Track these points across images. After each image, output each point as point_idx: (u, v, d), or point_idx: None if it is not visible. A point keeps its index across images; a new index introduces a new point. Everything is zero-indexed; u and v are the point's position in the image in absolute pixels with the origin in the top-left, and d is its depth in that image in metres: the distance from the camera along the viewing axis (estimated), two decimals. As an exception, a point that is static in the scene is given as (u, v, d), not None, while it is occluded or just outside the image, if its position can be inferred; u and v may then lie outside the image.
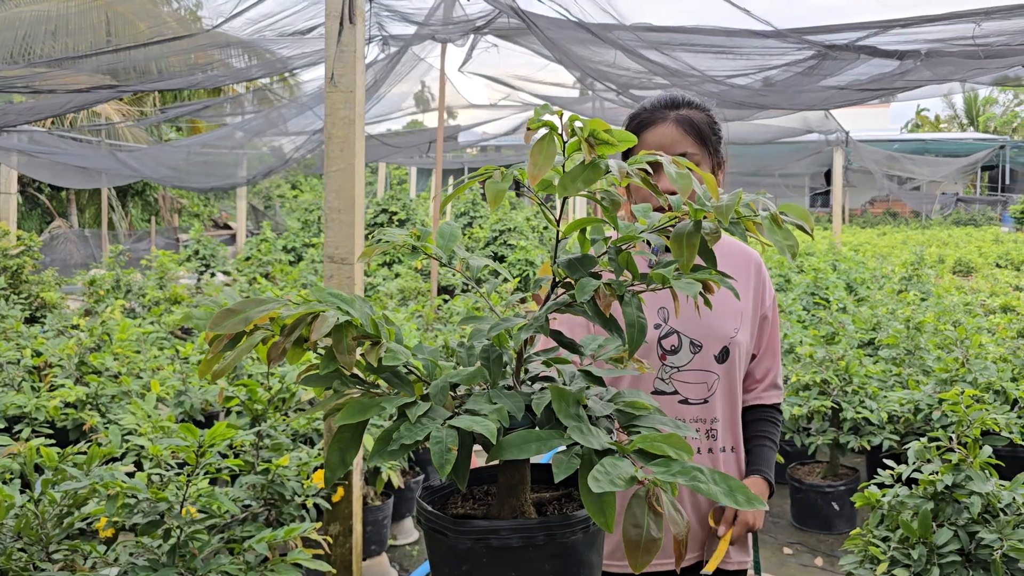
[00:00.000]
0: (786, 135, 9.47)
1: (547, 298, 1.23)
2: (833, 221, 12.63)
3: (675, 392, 1.78)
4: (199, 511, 2.47)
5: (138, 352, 5.00)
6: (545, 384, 1.20)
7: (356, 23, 2.96)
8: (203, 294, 7.63)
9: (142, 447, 2.98)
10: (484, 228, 12.05)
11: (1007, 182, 36.11)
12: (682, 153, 1.71)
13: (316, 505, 2.92)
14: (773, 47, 3.91)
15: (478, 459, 2.67)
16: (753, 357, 1.91)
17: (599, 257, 1.23)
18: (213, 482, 3.07)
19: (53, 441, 3.37)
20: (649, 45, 3.60)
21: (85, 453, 2.59)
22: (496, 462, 1.08)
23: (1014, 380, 4.45)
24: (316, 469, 3.05)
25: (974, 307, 7.60)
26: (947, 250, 17.65)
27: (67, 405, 4.25)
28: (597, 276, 1.17)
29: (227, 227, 24.86)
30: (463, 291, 9.13)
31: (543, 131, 0.98)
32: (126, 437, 3.01)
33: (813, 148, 11.61)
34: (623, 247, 1.14)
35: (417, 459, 4.29)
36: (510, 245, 11.24)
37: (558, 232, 1.22)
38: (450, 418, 0.94)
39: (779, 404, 1.95)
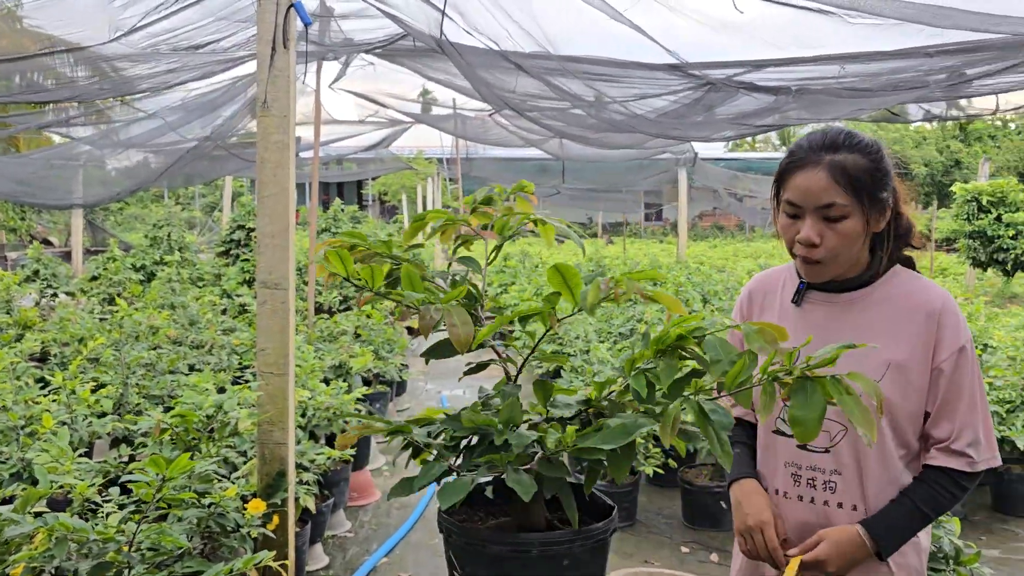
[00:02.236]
0: (644, 154, 10.04)
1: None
2: (679, 236, 13.47)
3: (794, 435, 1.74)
4: (148, 549, 2.38)
5: (4, 383, 4.63)
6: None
7: (289, 48, 2.96)
8: (55, 321, 7.09)
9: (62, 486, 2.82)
10: (347, 244, 11.86)
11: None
12: (829, 204, 1.62)
13: (254, 536, 2.86)
14: (664, 79, 4.21)
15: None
16: (927, 416, 1.70)
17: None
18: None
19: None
20: (569, 75, 3.81)
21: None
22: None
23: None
24: (247, 499, 2.99)
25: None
26: (773, 260, 19.19)
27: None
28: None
29: (47, 242, 23.09)
30: (340, 310, 9.00)
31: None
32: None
33: (662, 166, 12.35)
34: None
35: (326, 482, 4.25)
36: (375, 261, 11.14)
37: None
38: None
39: (952, 469, 1.66)
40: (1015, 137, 41.25)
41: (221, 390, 4.36)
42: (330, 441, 4.63)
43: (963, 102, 5.42)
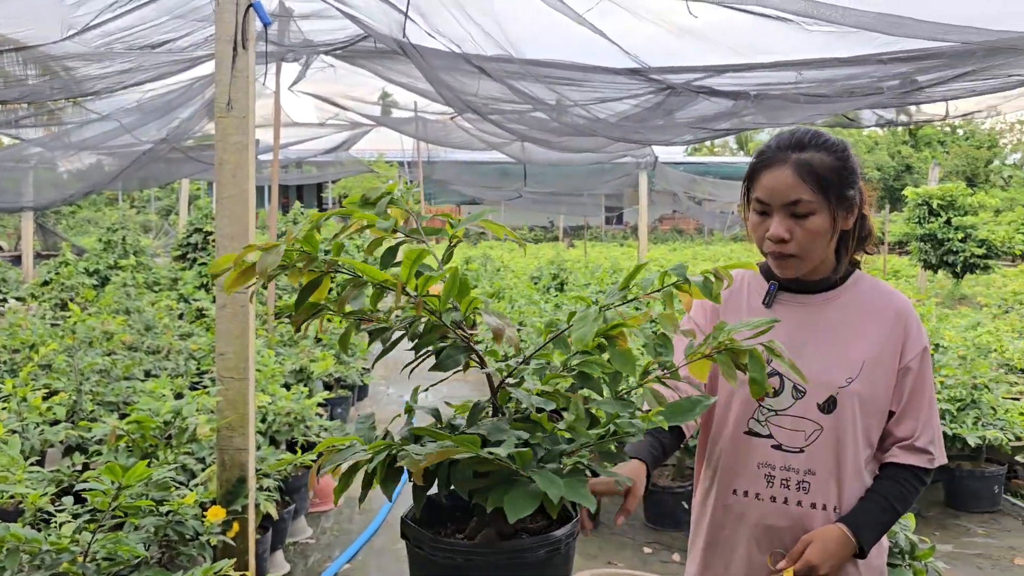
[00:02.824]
0: (605, 158, 10.10)
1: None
2: (640, 239, 13.56)
3: (769, 436, 1.73)
4: (104, 559, 2.33)
5: (-50, 390, 4.49)
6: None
7: (248, 48, 2.92)
8: (4, 327, 6.90)
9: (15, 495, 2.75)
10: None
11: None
12: (795, 200, 1.64)
13: (214, 544, 2.81)
14: (626, 83, 4.25)
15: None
16: (892, 414, 1.73)
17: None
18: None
19: None
20: (531, 78, 3.82)
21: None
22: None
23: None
24: (206, 506, 2.94)
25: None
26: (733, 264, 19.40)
27: None
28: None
29: (-2, 247, 22.53)
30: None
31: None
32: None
33: (623, 170, 12.42)
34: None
35: (287, 488, 4.20)
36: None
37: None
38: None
39: (915, 466, 1.71)
40: (963, 143, 42.37)
41: (179, 396, 4.28)
42: (291, 446, 4.58)
43: (913, 108, 5.56)
